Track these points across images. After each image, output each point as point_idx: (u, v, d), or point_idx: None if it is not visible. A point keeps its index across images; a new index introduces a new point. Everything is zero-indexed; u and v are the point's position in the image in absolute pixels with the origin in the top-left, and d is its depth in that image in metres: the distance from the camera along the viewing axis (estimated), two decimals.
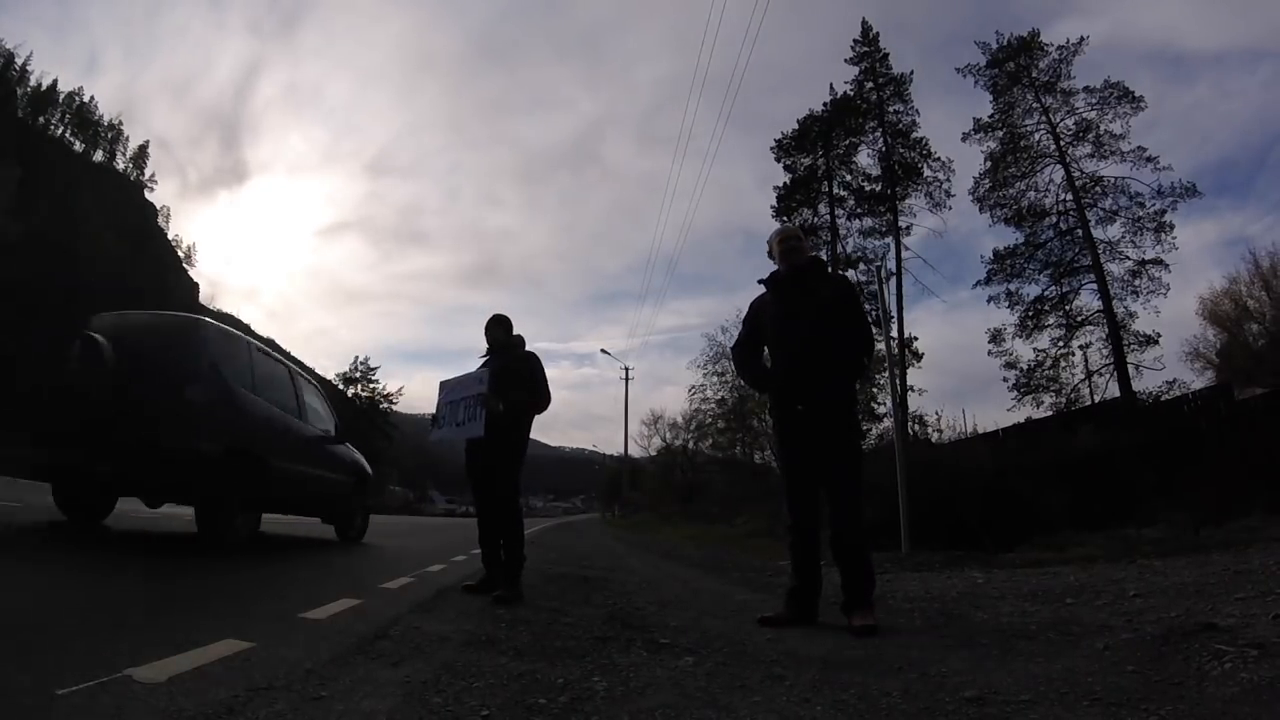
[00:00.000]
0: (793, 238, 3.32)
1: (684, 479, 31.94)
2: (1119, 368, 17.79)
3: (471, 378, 3.92)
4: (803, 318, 3.03)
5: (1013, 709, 1.62)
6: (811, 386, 2.96)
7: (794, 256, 3.21)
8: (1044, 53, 19.88)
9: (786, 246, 3.24)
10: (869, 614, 2.79)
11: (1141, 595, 3.23)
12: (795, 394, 3.01)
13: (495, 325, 4.06)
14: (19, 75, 44.66)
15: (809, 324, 3.01)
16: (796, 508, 3.03)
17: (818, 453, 2.95)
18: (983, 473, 8.43)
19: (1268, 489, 6.61)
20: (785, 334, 3.09)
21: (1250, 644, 1.95)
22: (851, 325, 3.06)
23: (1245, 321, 23.58)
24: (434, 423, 4.09)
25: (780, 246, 3.26)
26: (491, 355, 4.05)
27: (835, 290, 3.18)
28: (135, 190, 52.35)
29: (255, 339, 6.07)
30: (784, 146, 22.66)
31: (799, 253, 3.24)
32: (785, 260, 3.21)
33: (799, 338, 3.02)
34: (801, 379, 2.99)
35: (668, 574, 6.23)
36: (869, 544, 3.08)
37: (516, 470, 3.86)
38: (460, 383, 3.98)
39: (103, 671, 1.57)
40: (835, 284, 3.30)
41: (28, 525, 4.84)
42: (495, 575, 3.76)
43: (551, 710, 1.63)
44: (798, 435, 3.01)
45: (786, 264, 3.20)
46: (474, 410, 3.76)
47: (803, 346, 3.01)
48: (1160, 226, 18.16)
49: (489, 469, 3.81)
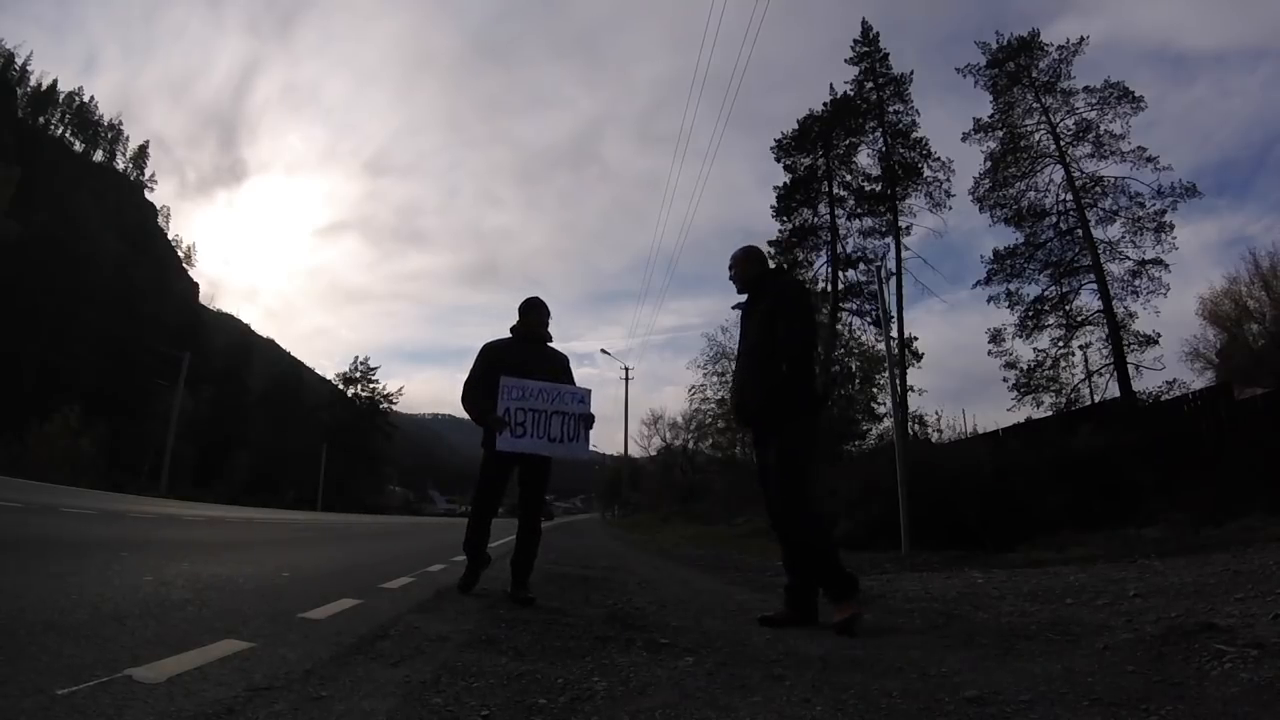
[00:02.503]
0: (733, 260, 3.40)
1: (684, 479, 31.98)
2: (1119, 368, 17.78)
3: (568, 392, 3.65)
4: (749, 329, 3.24)
5: (1013, 709, 1.61)
6: (747, 405, 3.16)
7: (731, 276, 3.38)
8: (1044, 53, 19.88)
9: (730, 273, 3.40)
10: (845, 608, 2.78)
11: (1141, 595, 3.23)
12: (741, 415, 3.31)
13: (546, 313, 3.76)
14: (19, 75, 44.68)
15: (748, 347, 3.23)
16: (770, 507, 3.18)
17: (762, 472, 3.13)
18: (983, 473, 8.44)
19: (1268, 489, 6.61)
20: (740, 349, 3.40)
21: (1250, 644, 1.95)
22: (778, 325, 3.02)
23: (1245, 321, 23.59)
24: (502, 426, 3.50)
25: (729, 272, 3.41)
26: (528, 342, 3.72)
27: (773, 296, 3.16)
28: (135, 190, 52.36)
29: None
30: (784, 146, 22.66)
31: (733, 271, 3.37)
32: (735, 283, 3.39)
33: (745, 350, 3.27)
34: (744, 390, 3.20)
35: (668, 574, 6.23)
36: (819, 538, 3.02)
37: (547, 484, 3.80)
38: (545, 392, 3.60)
39: (103, 671, 1.57)
40: (774, 289, 3.24)
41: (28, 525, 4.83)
42: (479, 571, 3.72)
43: (551, 710, 1.63)
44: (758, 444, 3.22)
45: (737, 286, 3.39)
46: (577, 430, 3.61)
47: (745, 357, 3.25)
48: (1160, 227, 18.15)
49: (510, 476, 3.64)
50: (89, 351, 35.35)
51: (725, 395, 27.39)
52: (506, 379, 3.56)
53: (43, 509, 7.20)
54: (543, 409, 3.56)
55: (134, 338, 36.29)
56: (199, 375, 34.54)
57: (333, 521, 15.56)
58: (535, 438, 3.53)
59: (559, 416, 3.57)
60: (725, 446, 28.59)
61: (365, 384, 53.12)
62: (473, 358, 3.79)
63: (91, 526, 5.94)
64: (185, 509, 12.74)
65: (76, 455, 25.31)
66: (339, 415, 51.44)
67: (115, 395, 34.13)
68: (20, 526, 5.26)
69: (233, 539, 6.48)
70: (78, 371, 33.94)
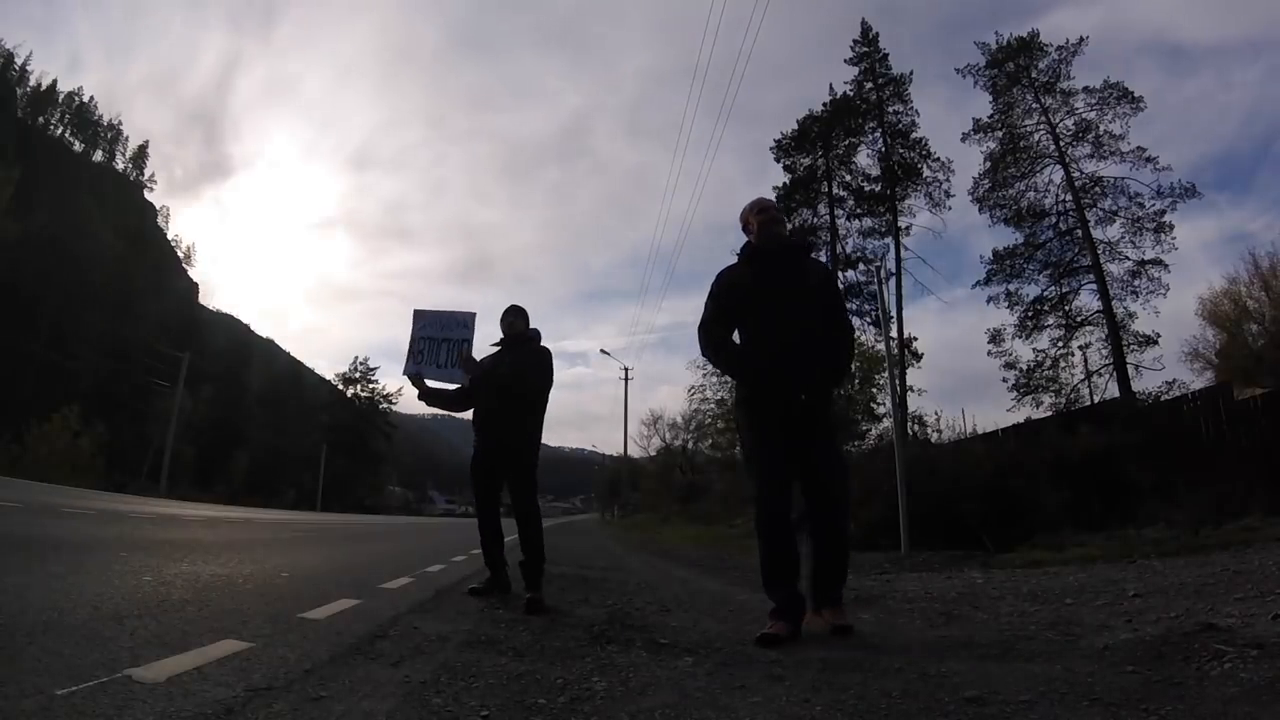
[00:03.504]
0: (773, 208, 3.02)
1: (683, 479, 31.96)
2: (1118, 368, 17.78)
3: (456, 319, 3.86)
4: (799, 300, 2.74)
5: (1013, 709, 1.61)
6: (809, 375, 2.70)
7: (777, 228, 2.94)
8: (1043, 53, 19.89)
9: (767, 218, 2.92)
10: (844, 611, 2.68)
11: (1141, 595, 3.23)
12: (794, 383, 2.68)
13: (517, 315, 3.88)
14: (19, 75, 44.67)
15: (805, 308, 2.74)
16: (774, 504, 2.68)
17: (803, 444, 2.67)
18: (982, 473, 8.44)
19: (1267, 489, 6.62)
20: (777, 317, 2.73)
21: (1250, 644, 1.95)
22: (836, 319, 2.85)
23: (1245, 321, 23.55)
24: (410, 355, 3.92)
25: (759, 219, 2.92)
26: (506, 346, 3.86)
27: (821, 276, 2.97)
28: (135, 190, 52.33)
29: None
30: (783, 147, 22.65)
31: (781, 225, 2.99)
32: (765, 234, 2.88)
33: (796, 322, 2.71)
34: (801, 367, 2.67)
35: (667, 574, 6.23)
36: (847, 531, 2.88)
37: (535, 474, 3.74)
38: (441, 320, 3.89)
39: (102, 671, 1.57)
40: (820, 270, 3.09)
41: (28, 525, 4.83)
42: (501, 577, 3.72)
43: (551, 710, 1.63)
44: (785, 427, 2.68)
45: (768, 238, 2.88)
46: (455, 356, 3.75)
47: (801, 332, 2.70)
48: (1160, 227, 18.15)
49: (495, 471, 3.70)
50: (89, 351, 35.37)
51: (725, 395, 27.40)
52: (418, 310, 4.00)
53: (43, 509, 7.19)
54: (437, 336, 3.89)
55: (133, 337, 36.28)
56: (198, 375, 34.52)
57: (332, 522, 15.56)
58: (431, 365, 3.88)
59: (446, 344, 3.86)
60: (725, 447, 28.53)
61: (365, 384, 53.18)
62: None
63: (91, 526, 5.94)
64: (185, 509, 12.73)
65: (76, 455, 25.32)
66: (339, 415, 51.47)
67: (115, 395, 34.15)
68: (20, 527, 5.26)
69: (232, 539, 6.48)
70: (78, 371, 33.96)
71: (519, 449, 3.65)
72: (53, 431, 25.55)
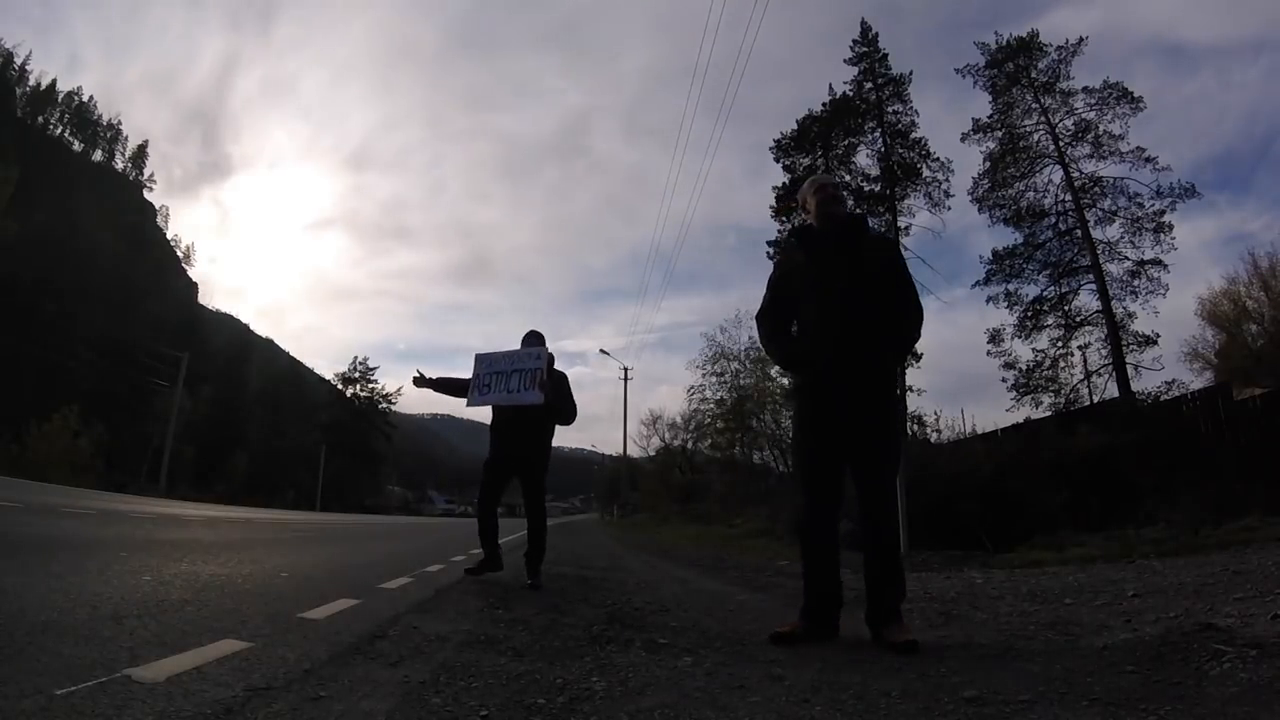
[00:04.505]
0: (831, 186, 2.87)
1: (683, 479, 31.93)
2: (1118, 368, 17.79)
3: (526, 353, 4.42)
4: (857, 282, 2.59)
5: (1012, 709, 1.61)
6: (864, 364, 2.54)
7: (836, 208, 2.77)
8: (1043, 53, 19.91)
9: (825, 196, 2.78)
10: (906, 627, 2.48)
11: (1140, 595, 3.23)
12: (845, 372, 2.54)
13: (536, 341, 4.55)
14: (18, 75, 44.65)
15: (863, 289, 2.58)
16: (820, 504, 2.58)
17: (854, 439, 2.53)
18: (981, 473, 8.44)
19: (1267, 489, 6.62)
20: (833, 301, 2.60)
21: (1249, 644, 1.95)
22: (903, 294, 2.65)
23: (1244, 321, 23.56)
24: (473, 389, 4.48)
25: (816, 197, 2.78)
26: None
27: (884, 252, 2.79)
28: (134, 190, 52.34)
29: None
30: (783, 147, 22.65)
31: (841, 204, 2.82)
32: (823, 213, 2.75)
33: (853, 304, 2.57)
34: (854, 356, 2.54)
35: (667, 574, 6.23)
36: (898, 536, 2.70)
37: (544, 478, 4.44)
38: (508, 357, 4.45)
39: (102, 671, 1.57)
40: (882, 246, 2.92)
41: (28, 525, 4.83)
42: (495, 556, 4.33)
43: (550, 710, 1.63)
44: (835, 421, 2.54)
45: (825, 218, 2.75)
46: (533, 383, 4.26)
47: (859, 315, 2.56)
48: (1159, 227, 18.17)
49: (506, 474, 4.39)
50: (88, 351, 35.35)
51: (724, 395, 27.37)
52: (479, 354, 4.58)
53: (42, 509, 7.19)
54: (505, 369, 4.41)
55: (133, 337, 36.28)
56: (198, 375, 34.54)
57: (331, 521, 15.56)
58: (496, 392, 4.39)
59: (517, 374, 4.37)
60: (724, 447, 28.54)
61: (364, 384, 53.18)
62: (466, 356, 4.72)
63: (91, 526, 5.93)
64: (184, 509, 12.73)
65: (76, 455, 25.31)
66: (338, 415, 51.46)
67: (115, 395, 34.14)
68: (20, 526, 5.26)
69: (231, 539, 6.48)
70: (77, 371, 33.94)
71: (531, 458, 4.33)
72: (52, 431, 25.53)
